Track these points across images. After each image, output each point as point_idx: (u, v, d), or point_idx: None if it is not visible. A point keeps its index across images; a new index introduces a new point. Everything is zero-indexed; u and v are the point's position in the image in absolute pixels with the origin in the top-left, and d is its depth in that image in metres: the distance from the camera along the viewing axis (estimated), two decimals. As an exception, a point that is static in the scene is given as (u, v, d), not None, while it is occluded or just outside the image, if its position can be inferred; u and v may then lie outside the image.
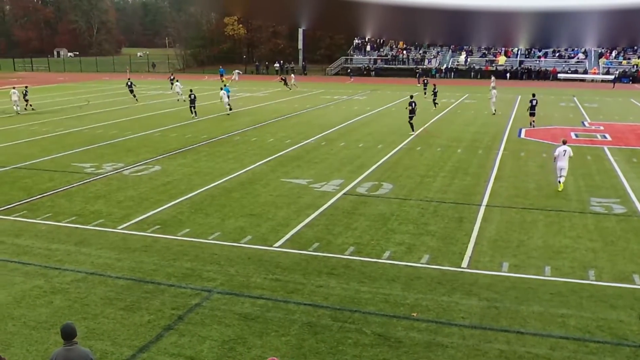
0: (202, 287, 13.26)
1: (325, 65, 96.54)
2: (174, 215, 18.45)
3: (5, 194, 21.03)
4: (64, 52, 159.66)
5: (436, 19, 5.62)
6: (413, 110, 33.74)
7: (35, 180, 22.93)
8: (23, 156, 27.30)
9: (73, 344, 8.08)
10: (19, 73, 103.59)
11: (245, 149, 29.10)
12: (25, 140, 31.79)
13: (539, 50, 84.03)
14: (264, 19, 62.12)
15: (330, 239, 16.23)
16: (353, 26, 8.50)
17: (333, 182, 22.32)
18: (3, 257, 15.12)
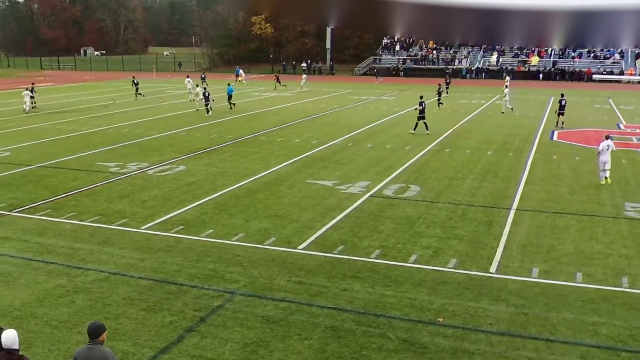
0: (224, 289, 13.31)
1: (353, 65, 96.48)
2: (197, 215, 18.55)
3: (30, 192, 21.32)
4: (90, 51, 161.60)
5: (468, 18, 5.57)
6: (423, 110, 34.04)
7: (60, 179, 23.21)
8: (48, 155, 27.65)
9: (96, 343, 8.14)
10: (46, 72, 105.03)
11: (270, 149, 29.18)
12: (51, 139, 32.19)
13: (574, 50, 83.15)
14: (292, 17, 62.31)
15: (356, 242, 16.19)
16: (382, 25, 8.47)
17: (359, 184, 22.27)
18: (27, 255, 15.31)
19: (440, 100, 46.73)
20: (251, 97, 56.40)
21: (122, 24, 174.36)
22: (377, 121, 39.11)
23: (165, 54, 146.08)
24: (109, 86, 69.02)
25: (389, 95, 58.61)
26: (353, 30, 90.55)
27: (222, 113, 43.11)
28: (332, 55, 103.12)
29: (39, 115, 42.38)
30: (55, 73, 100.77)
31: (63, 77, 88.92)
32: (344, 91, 63.35)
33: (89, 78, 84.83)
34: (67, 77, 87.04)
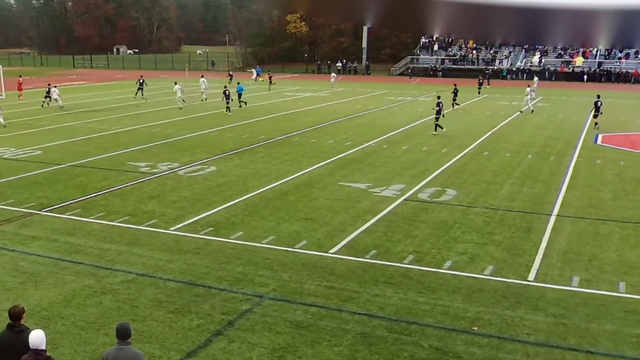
0: (253, 292, 13.35)
1: (389, 64, 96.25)
2: (227, 217, 18.65)
3: (60, 191, 21.64)
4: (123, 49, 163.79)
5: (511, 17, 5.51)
6: (440, 110, 34.18)
7: (90, 178, 23.52)
8: (79, 154, 28.05)
9: (126, 344, 8.24)
10: (78, 70, 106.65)
11: (303, 150, 29.24)
12: (82, 138, 32.64)
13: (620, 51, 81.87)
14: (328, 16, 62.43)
15: (389, 247, 16.13)
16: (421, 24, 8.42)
17: (394, 187, 22.20)
18: (55, 255, 15.54)
19: (455, 100, 46.59)
20: (285, 97, 56.58)
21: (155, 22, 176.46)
22: (413, 123, 38.95)
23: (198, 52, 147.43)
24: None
25: (426, 96, 58.32)
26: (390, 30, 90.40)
27: (254, 113, 43.34)
28: (368, 54, 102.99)
29: (70, 114, 43.02)
30: (87, 71, 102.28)
31: (95, 75, 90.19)
32: (380, 92, 63.23)
33: (121, 77, 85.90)
34: (99, 76, 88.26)
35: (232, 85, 50.91)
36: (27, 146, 30.07)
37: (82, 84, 74.34)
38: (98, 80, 78.56)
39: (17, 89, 53.06)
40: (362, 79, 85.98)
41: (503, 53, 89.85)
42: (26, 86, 54.24)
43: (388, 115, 43.19)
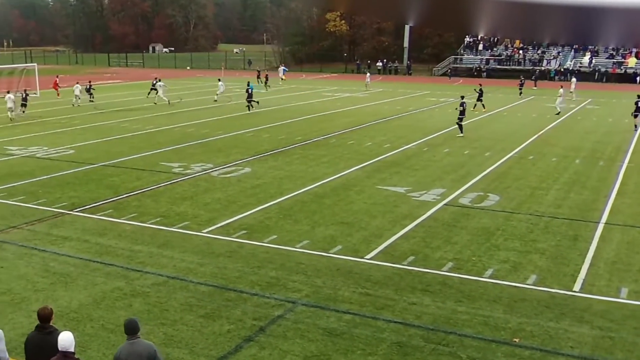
0: (286, 298, 13.36)
1: (432, 64, 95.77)
2: (261, 220, 18.71)
3: (92, 191, 21.93)
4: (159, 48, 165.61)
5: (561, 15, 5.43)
6: (463, 111, 34.33)
7: (123, 178, 23.81)
8: (112, 154, 28.41)
9: (136, 338, 8.40)
10: (113, 68, 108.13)
11: (340, 152, 29.22)
12: (116, 138, 33.08)
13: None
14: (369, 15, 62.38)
15: (427, 253, 16.03)
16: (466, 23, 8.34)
17: (434, 192, 22.06)
18: (86, 256, 15.74)
19: (481, 101, 46.52)
20: (323, 98, 56.65)
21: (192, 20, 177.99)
22: (455, 125, 38.65)
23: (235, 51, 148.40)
24: (175, 84, 70.36)
25: (469, 98, 57.83)
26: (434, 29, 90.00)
27: (291, 113, 43.48)
28: (409, 54, 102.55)
29: (104, 113, 43.63)
30: (122, 70, 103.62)
31: (130, 74, 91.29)
32: (421, 92, 62.95)
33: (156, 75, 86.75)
34: (134, 74, 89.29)
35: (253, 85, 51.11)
36: (60, 145, 30.57)
37: (117, 82, 75.34)
38: (133, 79, 79.47)
39: (54, 88, 53.93)
40: (403, 79, 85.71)
41: (551, 53, 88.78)
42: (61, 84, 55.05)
43: (429, 117, 42.99)
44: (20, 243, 16.60)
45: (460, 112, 34.45)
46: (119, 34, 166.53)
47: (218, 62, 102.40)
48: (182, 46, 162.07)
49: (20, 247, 16.34)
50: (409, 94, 60.70)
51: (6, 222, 18.36)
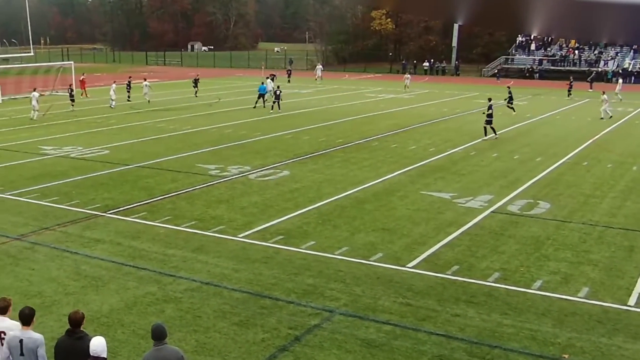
0: (323, 307, 13.33)
1: (481, 65, 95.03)
2: (299, 225, 18.73)
3: (126, 193, 22.20)
4: (198, 46, 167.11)
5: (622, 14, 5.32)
6: (491, 114, 34.17)
7: (158, 180, 24.06)
8: (147, 154, 28.74)
9: (163, 344, 8.46)
10: (151, 67, 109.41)
11: (383, 156, 29.15)
12: (152, 138, 33.46)
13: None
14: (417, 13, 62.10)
15: (473, 262, 15.88)
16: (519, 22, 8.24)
17: (481, 198, 21.86)
18: (118, 259, 15.92)
19: (511, 104, 45.91)
20: (365, 99, 56.60)
21: (232, 18, 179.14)
22: (505, 128, 38.28)
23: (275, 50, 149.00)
24: (214, 83, 71.02)
25: (521, 100, 57.28)
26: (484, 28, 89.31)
27: (332, 115, 43.49)
28: (458, 54, 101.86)
29: (140, 113, 44.18)
30: (160, 69, 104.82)
31: (168, 73, 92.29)
32: (469, 94, 62.50)
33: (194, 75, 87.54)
34: (172, 73, 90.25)
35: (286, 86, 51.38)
36: (95, 145, 31.02)
37: (154, 81, 76.11)
38: (170, 78, 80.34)
39: (81, 88, 54.73)
40: (451, 80, 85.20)
41: (609, 54, 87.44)
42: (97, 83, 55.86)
43: (477, 120, 42.49)
44: (52, 245, 16.86)
45: (488, 114, 34.24)
46: (158, 32, 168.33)
47: (258, 61, 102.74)
48: (222, 44, 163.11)
49: (52, 249, 16.60)
50: (456, 96, 60.31)
51: (39, 223, 18.68)
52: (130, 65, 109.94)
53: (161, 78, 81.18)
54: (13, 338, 8.65)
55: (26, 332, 8.67)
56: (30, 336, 8.64)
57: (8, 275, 14.90)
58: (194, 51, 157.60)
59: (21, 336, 8.62)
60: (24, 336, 8.62)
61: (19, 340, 8.59)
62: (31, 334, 8.68)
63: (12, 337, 8.66)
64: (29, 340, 8.61)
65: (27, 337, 8.62)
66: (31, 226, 18.41)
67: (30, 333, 8.67)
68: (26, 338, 8.61)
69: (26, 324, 8.69)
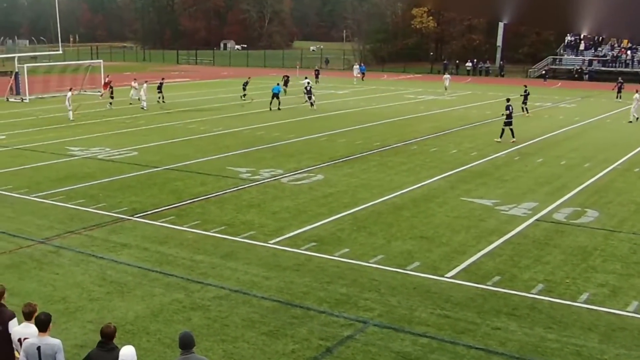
0: (357, 317, 13.30)
1: (527, 65, 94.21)
2: (333, 232, 18.73)
3: (154, 196, 22.38)
4: (231, 45, 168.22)
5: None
6: (510, 114, 34.38)
7: (187, 183, 24.22)
8: (176, 156, 28.95)
9: (190, 353, 8.59)
10: (182, 66, 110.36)
11: (422, 160, 29.06)
12: (181, 139, 33.72)
13: None
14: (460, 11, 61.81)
15: (515, 273, 15.74)
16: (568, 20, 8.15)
17: (524, 205, 21.68)
18: (145, 265, 16.04)
19: (526, 104, 46.24)
20: (405, 100, 56.47)
21: (267, 16, 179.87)
22: (551, 132, 37.97)
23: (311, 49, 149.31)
24: (247, 83, 71.27)
25: (569, 102, 56.81)
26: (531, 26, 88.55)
27: (370, 117, 43.47)
28: (502, 54, 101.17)
29: (170, 114, 44.55)
30: (191, 68, 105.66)
31: (199, 72, 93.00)
32: (514, 95, 61.70)
33: (226, 74, 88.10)
34: (204, 73, 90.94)
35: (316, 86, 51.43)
36: (123, 146, 31.34)
37: (185, 81, 76.83)
38: (202, 78, 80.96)
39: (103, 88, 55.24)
40: (495, 81, 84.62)
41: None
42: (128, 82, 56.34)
43: (522, 123, 42.26)
44: (78, 249, 17.05)
45: (507, 116, 34.37)
46: (190, 30, 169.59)
47: (293, 60, 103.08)
48: (256, 43, 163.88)
49: (77, 253, 16.78)
50: (500, 98, 59.63)
51: (64, 226, 18.91)
52: (161, 64, 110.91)
53: (192, 77, 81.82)
54: (30, 345, 8.77)
55: (43, 338, 8.79)
56: (47, 342, 8.77)
57: (32, 279, 15.10)
58: (227, 50, 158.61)
59: (38, 343, 8.74)
60: (41, 343, 8.75)
61: (36, 347, 8.72)
62: (48, 339, 8.80)
63: (29, 345, 8.78)
64: (46, 346, 8.73)
65: (44, 343, 8.75)
66: (56, 229, 18.65)
67: (47, 339, 8.79)
68: (44, 344, 8.74)
69: (43, 330, 8.81)
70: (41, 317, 8.88)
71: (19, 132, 35.84)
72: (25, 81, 52.91)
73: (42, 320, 8.85)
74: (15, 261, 16.18)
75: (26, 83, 52.80)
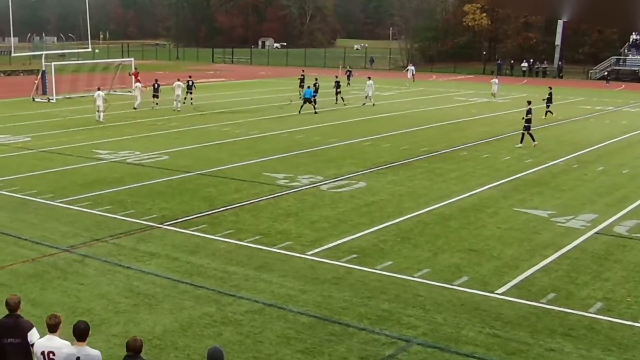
0: (399, 335, 13.25)
1: (588, 66, 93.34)
2: (375, 243, 18.70)
3: (185, 203, 22.55)
4: (269, 43, 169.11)
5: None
6: (530, 119, 34.53)
7: (220, 189, 24.37)
8: (210, 161, 29.17)
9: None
10: (217, 65, 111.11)
11: (472, 167, 28.94)
12: (215, 143, 33.97)
13: None
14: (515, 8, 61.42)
15: (572, 290, 15.58)
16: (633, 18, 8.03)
17: (583, 217, 21.47)
18: (174, 276, 16.15)
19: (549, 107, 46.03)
20: (455, 103, 56.28)
21: (308, 12, 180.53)
22: (613, 138, 37.56)
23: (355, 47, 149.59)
24: (286, 84, 71.64)
25: (633, 106, 56.14)
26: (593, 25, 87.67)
27: (416, 120, 43.37)
28: (561, 53, 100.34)
29: (204, 115, 44.91)
30: (227, 67, 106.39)
31: (235, 71, 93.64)
32: (573, 99, 61.48)
33: (264, 74, 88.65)
34: (240, 72, 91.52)
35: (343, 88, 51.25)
36: (153, 150, 31.66)
37: (220, 81, 77.40)
38: (238, 77, 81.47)
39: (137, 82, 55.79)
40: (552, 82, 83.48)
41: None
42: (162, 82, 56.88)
43: (581, 128, 41.94)
44: (104, 258, 17.22)
45: (527, 120, 34.51)
46: (226, 27, 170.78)
47: (335, 59, 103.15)
48: (296, 41, 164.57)
49: (103, 262, 16.95)
50: (558, 101, 59.04)
51: (90, 234, 19.13)
52: (195, 63, 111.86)
53: (228, 77, 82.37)
54: (69, 356, 8.76)
55: (82, 348, 8.79)
56: (87, 353, 8.78)
57: (55, 290, 15.28)
58: (265, 48, 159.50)
59: (77, 353, 8.74)
60: (80, 353, 8.75)
61: (75, 358, 8.74)
62: (87, 350, 8.82)
63: (67, 355, 8.77)
64: (86, 357, 8.75)
65: (84, 354, 8.75)
66: (82, 237, 18.86)
67: (86, 349, 8.81)
68: (83, 355, 8.74)
69: (81, 340, 8.81)
70: (80, 326, 8.88)
71: (44, 133, 36.40)
72: (53, 80, 53.62)
73: (81, 329, 8.85)
74: (38, 270, 16.39)
75: (53, 82, 53.50)
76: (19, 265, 16.68)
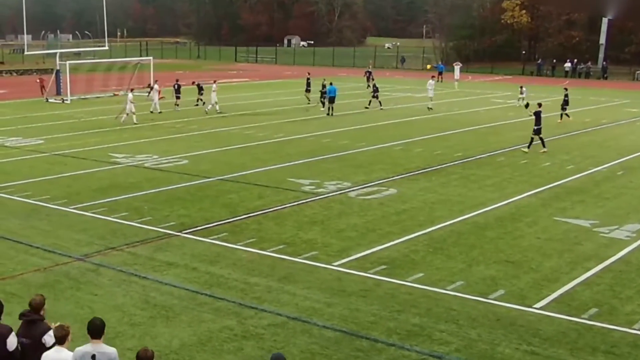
0: (430, 352, 13.22)
1: (634, 67, 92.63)
2: (405, 253, 18.68)
3: (205, 210, 22.64)
4: (295, 41, 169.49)
5: None
6: (539, 121, 34.42)
7: (242, 196, 24.45)
8: (232, 166, 29.28)
9: None
10: (240, 64, 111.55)
11: (510, 173, 28.85)
12: (237, 147, 34.09)
13: None
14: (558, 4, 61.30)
15: (616, 305, 15.47)
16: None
17: (628, 227, 21.32)
18: (193, 287, 16.21)
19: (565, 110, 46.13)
20: (492, 105, 56.11)
21: (337, 9, 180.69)
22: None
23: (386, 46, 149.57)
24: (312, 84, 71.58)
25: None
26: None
27: (451, 124, 43.27)
28: (606, 53, 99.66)
29: (226, 118, 45.12)
30: (250, 66, 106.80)
31: (260, 71, 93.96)
32: (619, 101, 61.02)
33: (290, 74, 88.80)
34: (265, 72, 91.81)
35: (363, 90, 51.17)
36: (172, 154, 31.84)
37: (243, 81, 77.69)
38: (262, 78, 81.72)
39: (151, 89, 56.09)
40: (596, 84, 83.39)
41: None
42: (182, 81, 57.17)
43: (627, 133, 41.61)
44: (119, 268, 17.33)
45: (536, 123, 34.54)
46: (250, 24, 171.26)
47: (365, 58, 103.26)
48: (324, 39, 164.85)
49: (118, 272, 17.05)
50: (602, 103, 58.99)
51: (105, 242, 19.26)
52: (217, 62, 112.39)
53: (251, 77, 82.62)
54: (84, 354, 8.83)
55: (98, 346, 8.87)
56: (103, 350, 8.85)
57: (68, 300, 15.39)
58: (291, 46, 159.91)
59: (93, 351, 8.81)
60: (96, 351, 8.81)
61: (91, 355, 8.78)
62: (103, 347, 8.89)
63: (83, 354, 8.83)
64: (102, 355, 8.81)
65: (100, 351, 8.82)
66: (96, 245, 19.00)
67: (102, 346, 8.88)
68: (99, 353, 8.81)
69: (97, 337, 8.88)
70: (96, 323, 8.95)
71: (58, 136, 36.75)
72: (67, 80, 54.03)
73: (97, 325, 8.92)
74: (49, 280, 16.53)
75: (68, 82, 53.92)
76: (30, 274, 16.84)
